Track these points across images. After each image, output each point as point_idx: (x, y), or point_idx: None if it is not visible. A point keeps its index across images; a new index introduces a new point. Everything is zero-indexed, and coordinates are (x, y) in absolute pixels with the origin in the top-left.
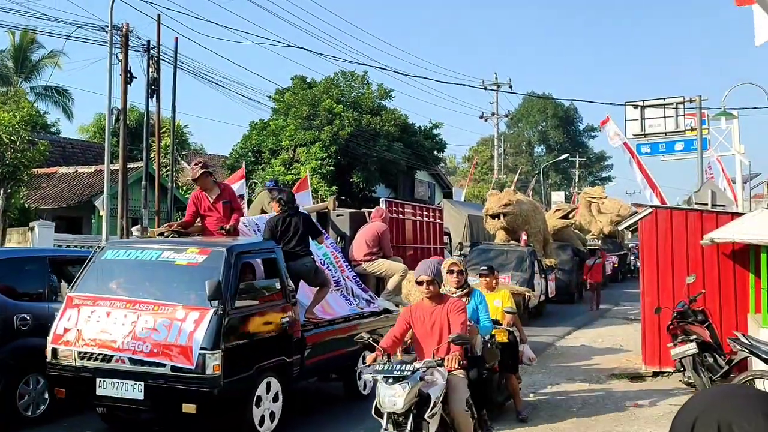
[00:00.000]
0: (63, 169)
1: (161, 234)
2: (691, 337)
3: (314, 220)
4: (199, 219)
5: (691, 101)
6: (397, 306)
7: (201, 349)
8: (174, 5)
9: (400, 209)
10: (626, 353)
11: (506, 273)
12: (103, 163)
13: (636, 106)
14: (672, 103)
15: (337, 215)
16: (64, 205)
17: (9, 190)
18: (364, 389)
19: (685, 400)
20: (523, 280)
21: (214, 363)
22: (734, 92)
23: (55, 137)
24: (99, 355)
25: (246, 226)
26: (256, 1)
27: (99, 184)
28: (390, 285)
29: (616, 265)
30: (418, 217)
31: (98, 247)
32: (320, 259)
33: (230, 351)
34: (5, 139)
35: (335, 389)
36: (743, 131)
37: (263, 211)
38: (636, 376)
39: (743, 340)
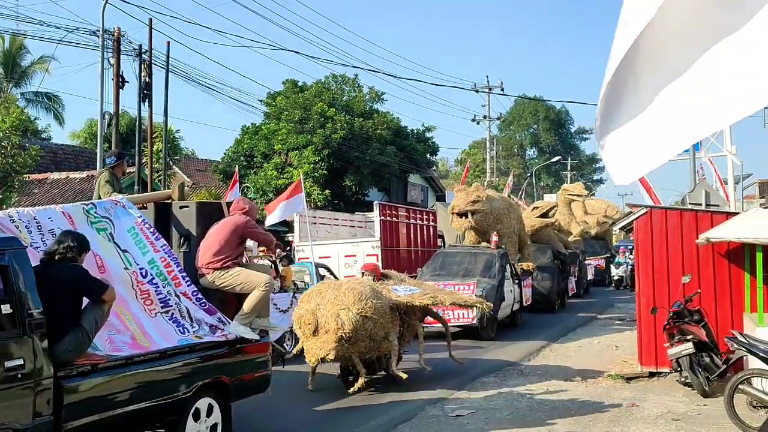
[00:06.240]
0: (54, 175)
1: None
2: (688, 337)
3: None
4: None
5: None
6: (267, 333)
7: None
8: (166, 9)
9: (394, 212)
10: (621, 354)
11: (471, 279)
12: (95, 169)
13: None
14: None
15: (180, 207)
16: None
17: (0, 196)
18: None
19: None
20: (490, 287)
21: None
22: None
23: (46, 143)
24: None
25: (13, 220)
26: (247, 5)
27: (91, 190)
28: (247, 305)
29: (602, 268)
30: (412, 220)
31: None
32: (144, 270)
33: None
34: None
35: None
36: (734, 132)
37: (100, 197)
38: (632, 377)
39: (741, 338)
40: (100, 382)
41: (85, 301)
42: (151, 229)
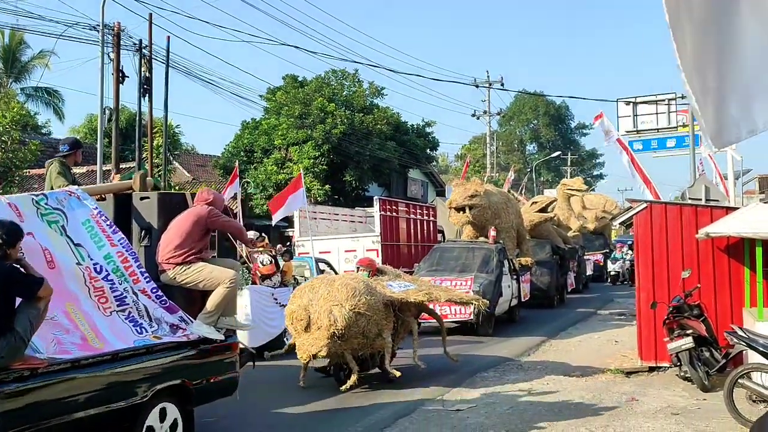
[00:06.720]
0: None
1: None
2: (687, 332)
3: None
4: None
5: (683, 97)
6: (234, 332)
7: None
8: (166, 4)
9: (394, 207)
10: (621, 349)
11: (469, 274)
12: (95, 164)
13: (628, 103)
14: (664, 100)
15: (141, 198)
16: None
17: (0, 192)
18: None
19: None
20: (488, 282)
21: None
22: None
23: (46, 138)
24: None
25: None
26: None
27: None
28: (210, 303)
29: (601, 264)
30: (412, 215)
31: None
32: (99, 266)
33: None
34: None
35: None
36: None
37: (52, 188)
38: (632, 372)
39: (740, 333)
40: (40, 388)
41: (19, 300)
42: (108, 222)
